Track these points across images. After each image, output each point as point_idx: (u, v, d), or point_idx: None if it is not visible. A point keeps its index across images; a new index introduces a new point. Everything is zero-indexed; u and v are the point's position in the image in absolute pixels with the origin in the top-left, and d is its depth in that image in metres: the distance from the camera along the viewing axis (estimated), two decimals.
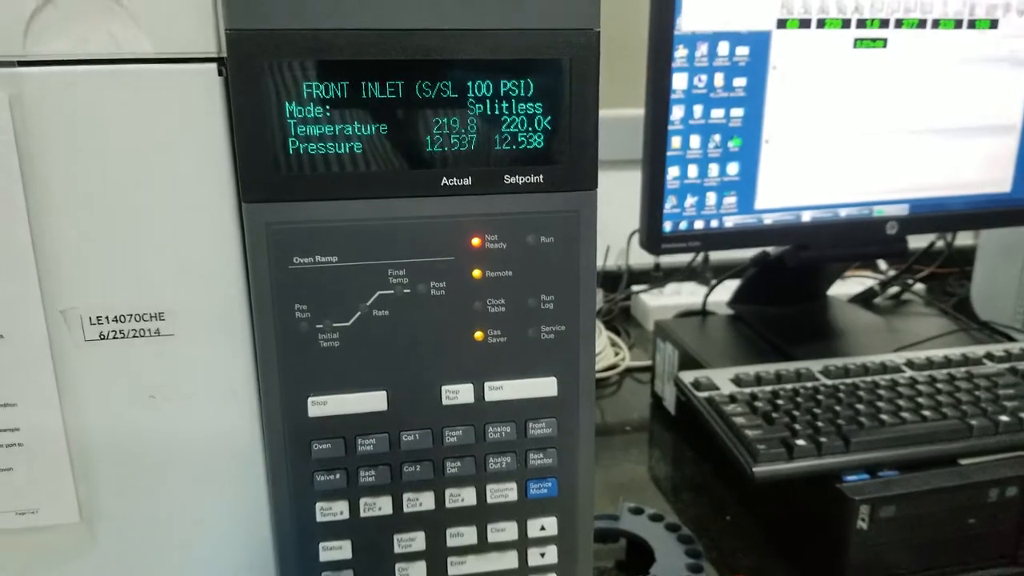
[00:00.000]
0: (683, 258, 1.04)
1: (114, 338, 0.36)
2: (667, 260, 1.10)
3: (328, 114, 0.33)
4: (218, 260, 0.36)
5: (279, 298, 0.35)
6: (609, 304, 1.08)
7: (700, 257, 1.07)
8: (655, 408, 0.85)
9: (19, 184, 0.33)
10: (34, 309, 0.35)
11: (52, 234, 0.34)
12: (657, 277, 1.10)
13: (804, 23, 0.70)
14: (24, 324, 0.35)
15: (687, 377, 0.67)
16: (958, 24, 0.73)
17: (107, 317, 0.36)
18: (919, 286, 1.03)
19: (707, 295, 0.92)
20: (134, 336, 0.36)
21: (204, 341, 0.37)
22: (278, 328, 0.36)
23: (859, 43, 0.71)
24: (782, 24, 0.69)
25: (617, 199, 0.83)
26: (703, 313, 0.90)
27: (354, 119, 0.34)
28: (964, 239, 1.08)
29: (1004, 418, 0.59)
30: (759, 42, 0.69)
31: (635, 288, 1.09)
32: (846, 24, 0.70)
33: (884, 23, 0.71)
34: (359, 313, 0.36)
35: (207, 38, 0.33)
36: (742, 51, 0.69)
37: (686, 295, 1.05)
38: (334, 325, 0.36)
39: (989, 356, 0.70)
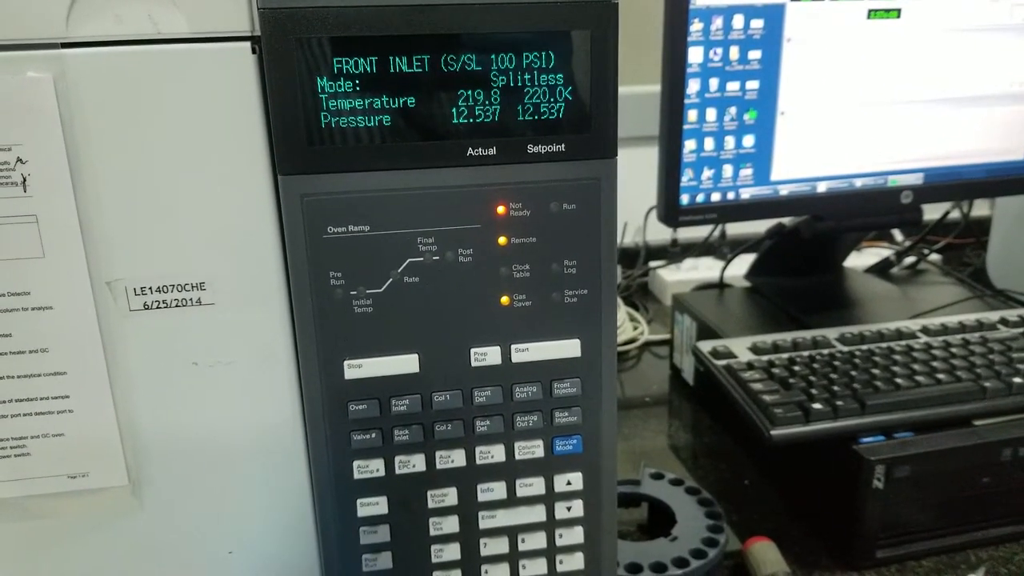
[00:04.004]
0: (700, 233, 1.05)
1: (158, 308, 0.38)
2: (684, 235, 1.11)
3: (358, 88, 0.35)
4: (255, 231, 0.37)
5: (314, 266, 0.37)
6: (627, 280, 1.09)
7: (717, 232, 1.08)
8: (674, 380, 0.86)
9: (64, 161, 0.35)
10: (81, 281, 0.37)
11: (97, 209, 0.36)
12: (674, 252, 1.10)
13: None
14: (72, 296, 0.37)
15: (705, 346, 0.68)
16: None
17: (151, 288, 0.38)
18: (935, 256, 1.03)
19: (724, 267, 0.93)
20: (177, 305, 0.38)
21: (244, 309, 0.38)
22: (314, 295, 0.37)
23: (873, 13, 0.72)
24: None
25: (634, 175, 0.84)
26: (720, 286, 0.91)
27: (382, 93, 0.35)
28: (981, 210, 1.08)
29: (1018, 380, 0.60)
30: (774, 14, 0.70)
31: (653, 264, 1.10)
32: None
33: None
34: (391, 280, 0.38)
35: (241, 17, 0.35)
36: (757, 24, 0.70)
37: (703, 270, 1.06)
38: (367, 291, 0.38)
39: (1003, 321, 0.70)
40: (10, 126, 0.34)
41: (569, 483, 0.42)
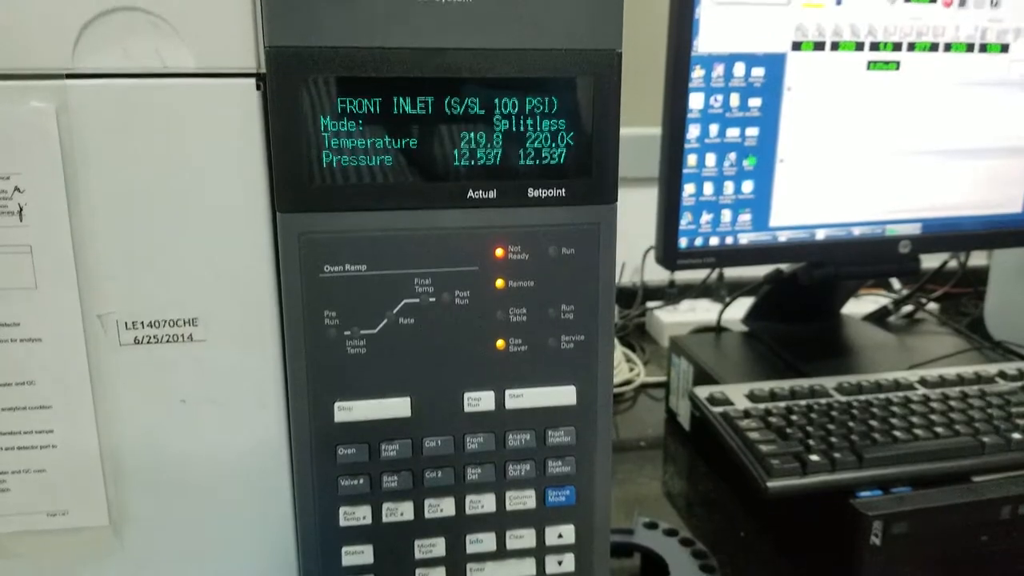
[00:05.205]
0: (698, 275, 1.05)
1: (148, 343, 0.37)
2: (682, 277, 1.11)
3: (361, 128, 0.35)
4: (251, 268, 0.37)
5: (309, 305, 0.36)
6: (624, 320, 1.09)
7: (715, 274, 1.08)
8: (669, 424, 0.85)
9: (62, 191, 0.35)
10: (72, 314, 0.36)
11: (92, 241, 0.36)
12: (672, 294, 1.10)
13: (818, 45, 0.71)
14: (62, 328, 0.36)
15: (702, 392, 0.68)
16: (970, 48, 0.74)
17: (142, 322, 0.37)
18: (933, 306, 1.03)
19: (721, 312, 0.92)
20: (168, 341, 0.37)
21: (235, 347, 0.38)
22: (308, 334, 0.37)
23: (872, 65, 0.72)
24: (797, 46, 0.70)
25: (633, 216, 0.84)
26: (718, 329, 0.91)
27: (385, 133, 0.35)
28: (978, 259, 1.08)
29: (1017, 435, 0.59)
30: (774, 64, 0.70)
31: (650, 304, 1.10)
32: (859, 47, 0.72)
33: (897, 46, 0.72)
34: (386, 321, 0.37)
35: (247, 54, 0.35)
36: (758, 72, 0.70)
37: (700, 312, 1.06)
38: (361, 332, 0.37)
39: (1002, 374, 0.70)
40: (10, 155, 0.34)
41: (561, 536, 0.41)
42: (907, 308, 0.96)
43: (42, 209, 0.35)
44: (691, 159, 0.71)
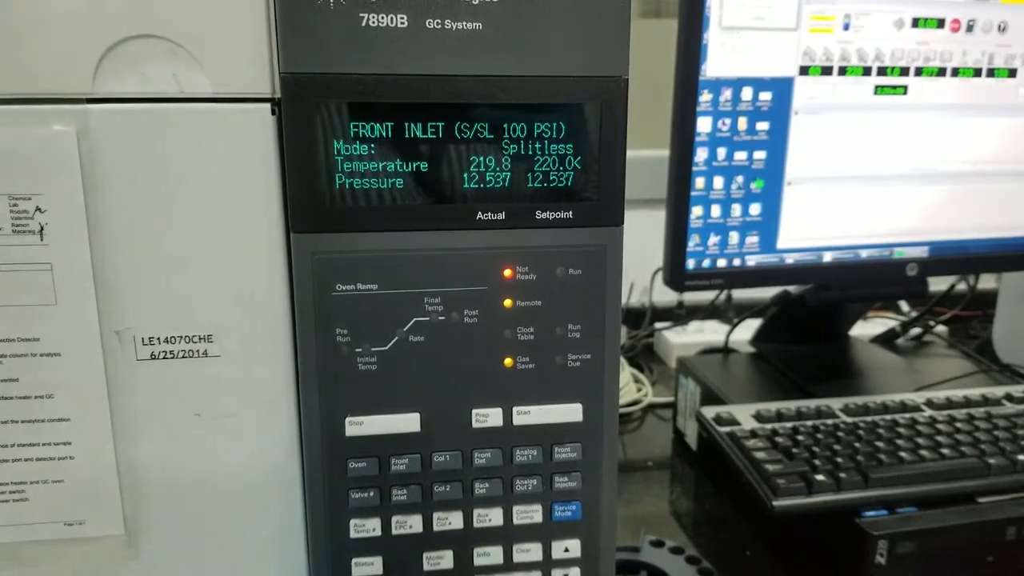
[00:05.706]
0: (706, 296, 1.06)
1: (164, 358, 0.38)
2: (690, 298, 1.11)
3: (373, 152, 0.36)
4: (265, 286, 0.38)
5: (322, 323, 0.37)
6: (632, 340, 1.10)
7: (723, 295, 1.09)
8: (677, 444, 0.85)
9: (82, 212, 0.36)
10: (91, 329, 0.37)
11: (111, 259, 0.37)
12: (680, 314, 1.11)
13: (826, 70, 0.72)
14: (81, 343, 0.37)
15: (709, 412, 0.68)
16: (977, 72, 0.75)
17: (159, 338, 0.38)
18: (941, 328, 1.03)
19: (729, 333, 0.93)
20: (183, 357, 0.38)
21: (249, 362, 0.39)
22: (320, 351, 0.38)
23: (879, 90, 0.73)
24: (804, 71, 0.71)
25: (641, 237, 0.85)
26: (725, 351, 0.91)
27: (397, 156, 0.36)
28: (987, 282, 1.08)
29: (1022, 457, 0.60)
30: (782, 88, 0.71)
31: (658, 325, 1.11)
32: (867, 71, 0.72)
33: (904, 71, 0.73)
34: (396, 338, 0.38)
35: (263, 80, 0.36)
36: (765, 96, 0.71)
37: (708, 333, 1.06)
38: (372, 349, 0.38)
39: (1009, 397, 0.70)
40: (32, 176, 0.35)
41: (567, 550, 0.41)
42: (915, 330, 0.96)
43: (62, 228, 0.36)
44: (699, 182, 0.72)
